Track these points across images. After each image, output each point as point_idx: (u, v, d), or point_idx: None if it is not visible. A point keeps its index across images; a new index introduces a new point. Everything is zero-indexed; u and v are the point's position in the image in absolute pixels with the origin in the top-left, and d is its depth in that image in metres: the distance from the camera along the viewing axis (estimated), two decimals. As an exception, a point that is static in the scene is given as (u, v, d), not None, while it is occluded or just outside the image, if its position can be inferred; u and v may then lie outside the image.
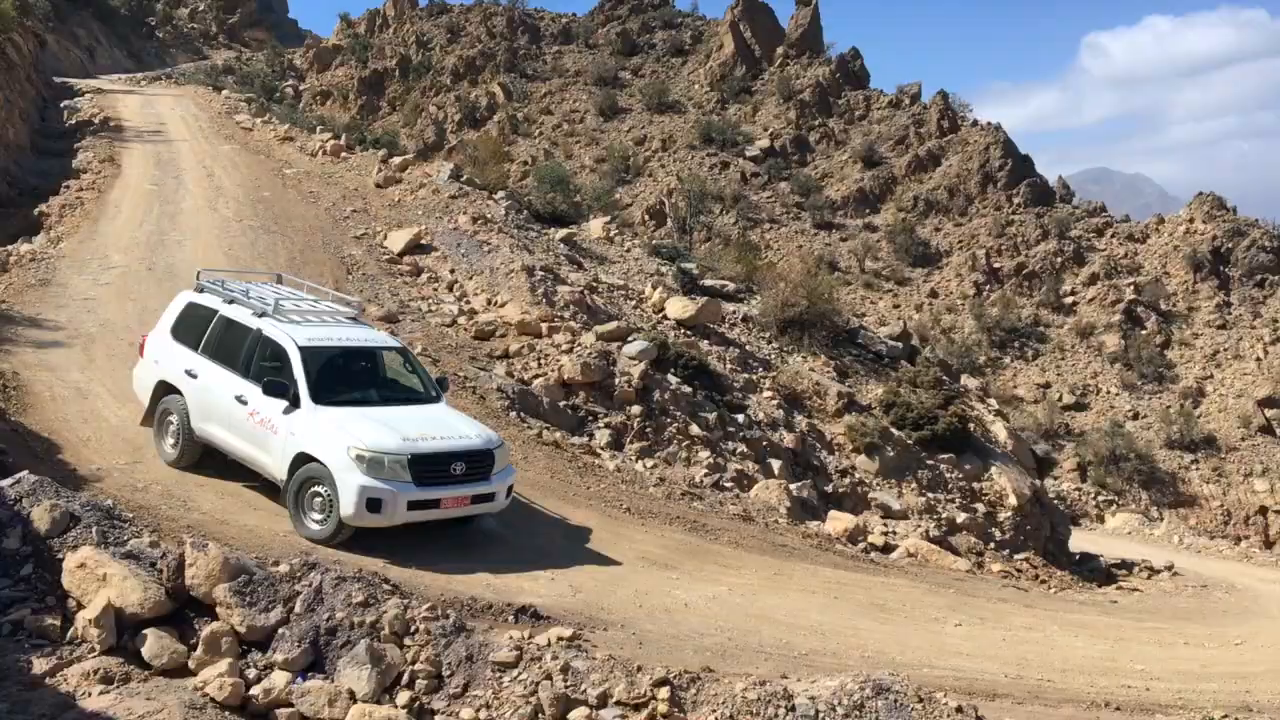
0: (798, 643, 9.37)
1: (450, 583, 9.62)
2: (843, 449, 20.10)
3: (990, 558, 17.80)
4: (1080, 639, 11.51)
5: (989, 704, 7.99)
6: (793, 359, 22.46)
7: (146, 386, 12.24)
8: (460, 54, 69.76)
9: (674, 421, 17.12)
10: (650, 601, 9.94)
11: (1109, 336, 47.82)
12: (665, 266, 25.03)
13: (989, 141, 58.02)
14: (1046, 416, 43.09)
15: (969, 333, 48.62)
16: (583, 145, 61.42)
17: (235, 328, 11.82)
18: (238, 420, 11.27)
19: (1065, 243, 53.37)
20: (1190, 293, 50.02)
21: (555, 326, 18.43)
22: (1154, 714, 8.04)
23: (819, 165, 60.00)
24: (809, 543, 14.09)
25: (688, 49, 70.21)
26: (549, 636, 7.92)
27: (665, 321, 21.28)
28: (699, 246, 34.74)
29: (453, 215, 23.39)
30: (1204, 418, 43.49)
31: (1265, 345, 45.94)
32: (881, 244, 54.20)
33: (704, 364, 19.54)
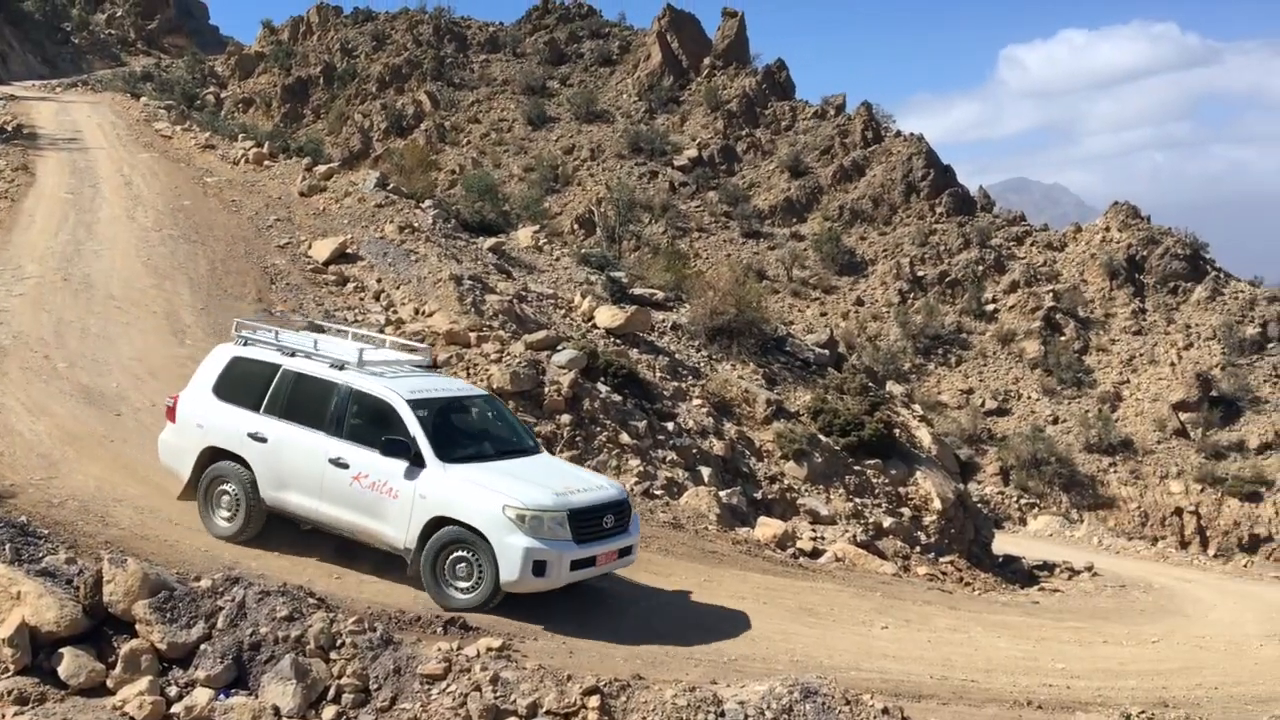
0: (727, 648, 9.43)
1: (378, 595, 9.52)
2: (772, 455, 20.27)
3: (916, 561, 18.07)
4: (1003, 639, 11.75)
5: (915, 705, 8.11)
6: (722, 367, 22.60)
7: (186, 454, 10.91)
8: (386, 62, 69.17)
9: (604, 430, 17.13)
10: (580, 609, 9.93)
11: (1029, 343, 48.91)
12: (594, 275, 25.04)
13: (912, 152, 59.06)
14: (970, 422, 43.93)
15: (894, 340, 49.40)
16: (511, 154, 61.28)
17: (311, 383, 10.70)
18: (334, 486, 10.26)
19: (986, 251, 54.49)
20: (1107, 300, 51.37)
21: (484, 336, 18.33)
22: (1074, 712, 8.22)
23: (746, 175, 60.55)
24: (739, 549, 14.19)
25: (615, 59, 70.42)
26: (478, 647, 7.86)
27: (595, 330, 21.29)
28: (628, 255, 34.83)
29: (379, 224, 23.17)
30: (1121, 422, 44.67)
31: (1179, 350, 47.34)
32: (808, 253, 54.84)
33: (634, 372, 19.59)
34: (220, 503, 10.76)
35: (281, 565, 9.91)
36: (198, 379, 11.31)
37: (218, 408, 10.94)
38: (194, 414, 11.02)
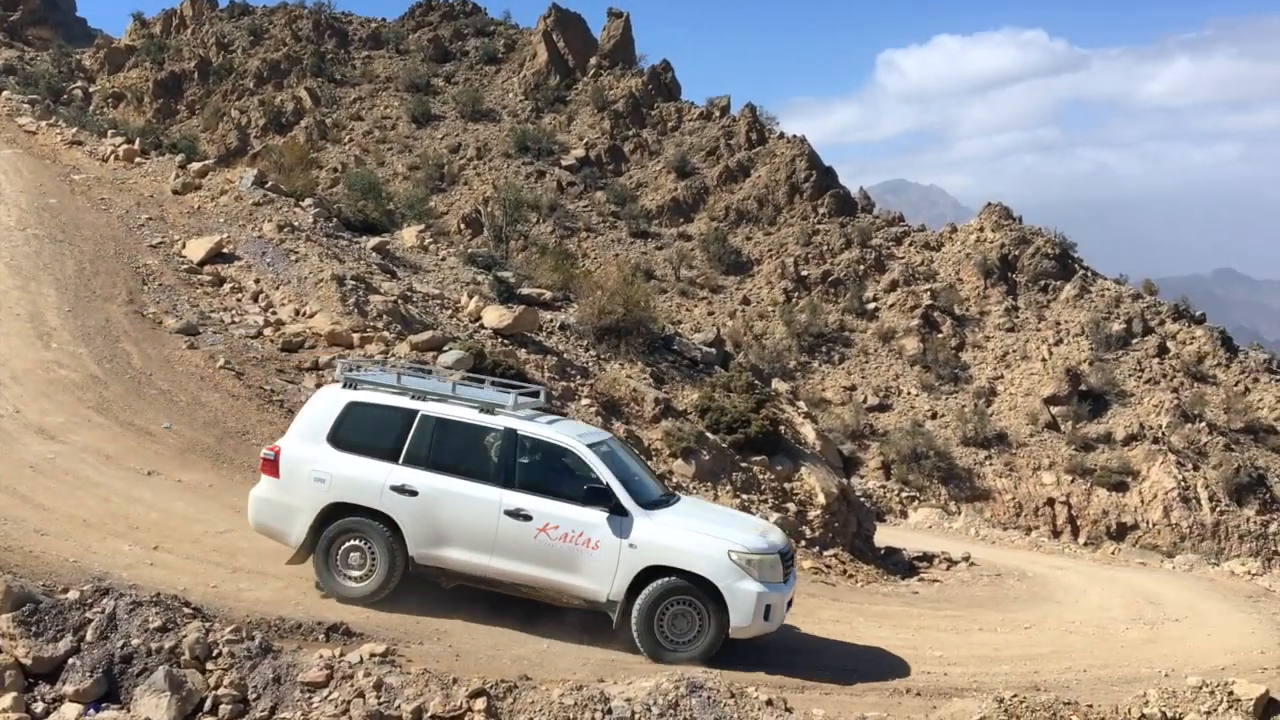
0: (616, 647, 9.46)
1: (257, 603, 9.28)
2: (660, 454, 20.40)
3: (801, 555, 18.39)
4: (884, 629, 12.05)
5: (798, 695, 8.27)
6: (610, 366, 22.66)
7: (300, 513, 9.86)
8: (264, 57, 67.49)
9: (491, 431, 17.02)
10: (467, 612, 9.84)
11: (908, 340, 50.23)
12: (481, 275, 24.85)
13: (795, 154, 60.12)
14: (853, 418, 44.90)
15: (779, 338, 50.21)
16: (395, 152, 60.42)
17: (462, 430, 10.06)
18: (512, 540, 9.62)
19: (867, 251, 55.79)
20: (981, 298, 53.09)
21: (368, 337, 18.05)
22: (951, 697, 8.47)
23: (634, 175, 60.85)
24: (627, 547, 14.22)
25: (501, 57, 70.02)
26: (361, 653, 7.74)
27: (482, 330, 21.13)
28: (516, 255, 34.63)
29: (257, 223, 22.58)
30: (996, 416, 46.21)
31: (1049, 347, 49.20)
32: (696, 252, 55.38)
33: (522, 372, 19.49)
34: (349, 562, 9.86)
35: (153, 579, 9.57)
36: (304, 427, 10.21)
37: (341, 459, 9.95)
38: (309, 467, 9.93)
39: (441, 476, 9.85)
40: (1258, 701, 8.88)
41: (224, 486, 12.65)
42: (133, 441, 13.39)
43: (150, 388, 15.31)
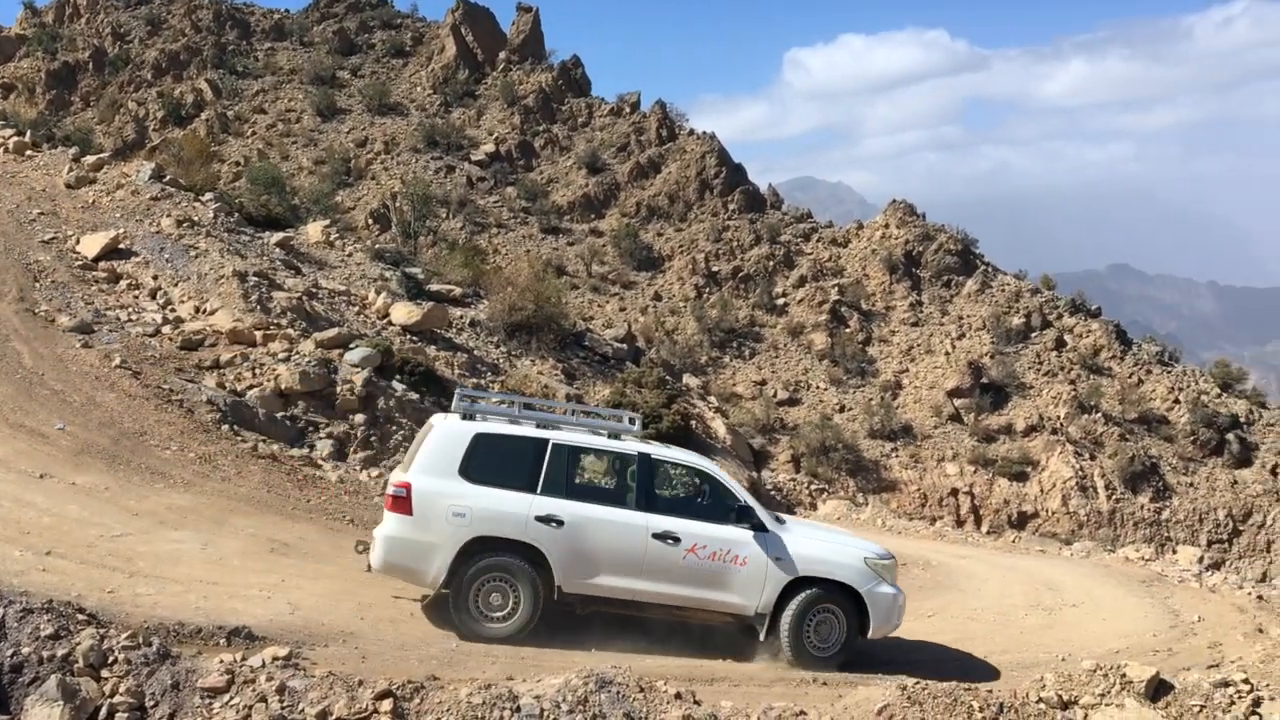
0: (525, 644, 9.43)
1: (155, 608, 9.03)
2: (571, 450, 20.40)
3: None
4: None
5: (708, 688, 8.33)
6: (521, 362, 22.59)
7: (439, 550, 9.54)
8: (163, 48, 65.64)
9: (400, 429, 16.84)
10: (374, 614, 9.72)
11: (817, 335, 50.93)
12: (389, 271, 24.55)
13: (705, 150, 60.49)
14: (763, 412, 45.34)
15: (691, 334, 50.49)
16: (300, 146, 59.26)
17: (595, 457, 10.53)
18: (661, 563, 9.84)
19: (776, 247, 56.39)
20: (887, 293, 54.06)
21: (271, 334, 17.70)
22: (856, 686, 8.62)
23: (545, 171, 60.60)
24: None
25: (409, 50, 69.12)
26: (263, 657, 7.58)
27: (390, 327, 20.90)
28: (425, 251, 34.25)
29: (155, 218, 21.97)
30: (901, 408, 47.11)
31: (952, 341, 50.33)
32: (607, 249, 55.39)
33: (431, 369, 19.34)
34: (490, 601, 9.64)
35: (45, 586, 9.25)
36: (431, 461, 9.84)
37: (478, 492, 9.72)
38: (447, 502, 9.64)
39: (583, 504, 9.92)
40: (1149, 683, 9.22)
41: (120, 489, 12.29)
42: (24, 444, 12.94)
43: (42, 388, 14.80)
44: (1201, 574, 24.63)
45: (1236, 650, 13.23)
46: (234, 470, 13.60)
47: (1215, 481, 45.07)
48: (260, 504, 12.69)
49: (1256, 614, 17.72)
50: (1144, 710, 8.33)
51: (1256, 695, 9.54)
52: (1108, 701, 8.51)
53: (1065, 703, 8.35)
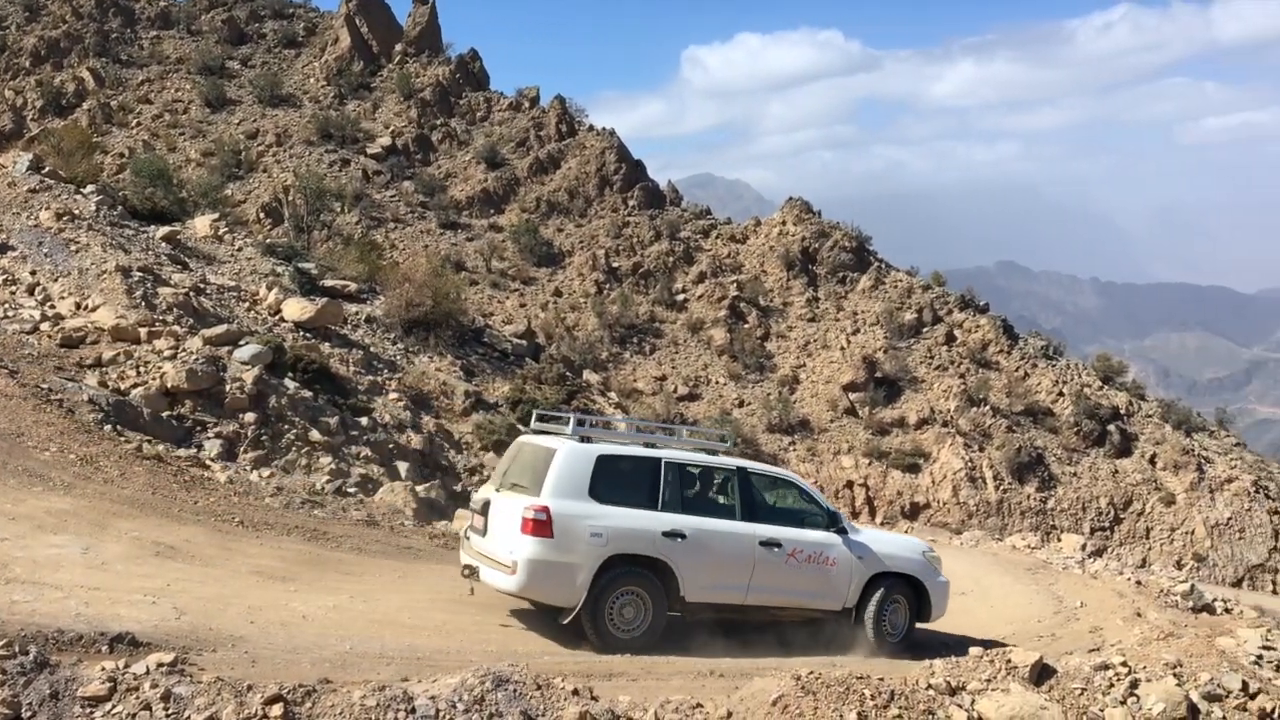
0: (422, 644, 9.30)
1: (33, 615, 8.66)
2: (471, 447, 20.22)
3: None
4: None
5: (606, 683, 8.33)
6: (419, 359, 22.30)
7: (580, 570, 9.87)
8: (41, 34, 63.02)
9: (292, 428, 16.48)
10: (264, 617, 9.49)
11: (716, 331, 51.38)
12: (281, 267, 23.99)
13: (605, 146, 60.50)
14: (664, 407, 45.58)
15: (591, 330, 50.48)
16: (187, 137, 57.55)
17: (700, 472, 11.04)
18: (767, 569, 10.67)
19: (676, 243, 56.72)
20: (784, 289, 54.81)
21: (156, 331, 17.15)
22: (753, 677, 8.70)
23: (443, 165, 59.91)
24: (436, 543, 14.05)
25: (301, 41, 67.63)
26: (148, 664, 7.33)
27: (282, 324, 20.43)
28: (318, 246, 33.54)
29: (33, 211, 21.10)
30: (799, 403, 47.83)
31: (848, 336, 51.26)
32: (507, 244, 55.02)
33: (325, 367, 18.96)
34: (624, 614, 10.07)
35: None
36: (563, 484, 10.05)
37: (610, 512, 10.12)
38: (585, 524, 9.96)
39: (698, 518, 10.55)
40: (1033, 667, 9.52)
41: (-6, 493, 11.76)
42: (-112, 447, 12.31)
43: (-92, 389, 14.10)
44: (1084, 561, 25.54)
45: (1116, 634, 13.74)
46: (117, 472, 13.14)
47: (1097, 471, 46.80)
48: (145, 506, 12.28)
49: (1135, 599, 18.43)
50: (1028, 694, 8.60)
51: (1134, 677, 9.93)
52: (994, 686, 8.76)
53: (953, 688, 8.57)
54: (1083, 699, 9.38)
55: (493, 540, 10.36)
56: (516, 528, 9.91)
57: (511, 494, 10.47)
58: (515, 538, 9.90)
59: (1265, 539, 46.42)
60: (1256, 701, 10.07)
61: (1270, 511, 47.37)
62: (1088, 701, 9.34)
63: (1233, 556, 45.68)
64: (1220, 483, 47.77)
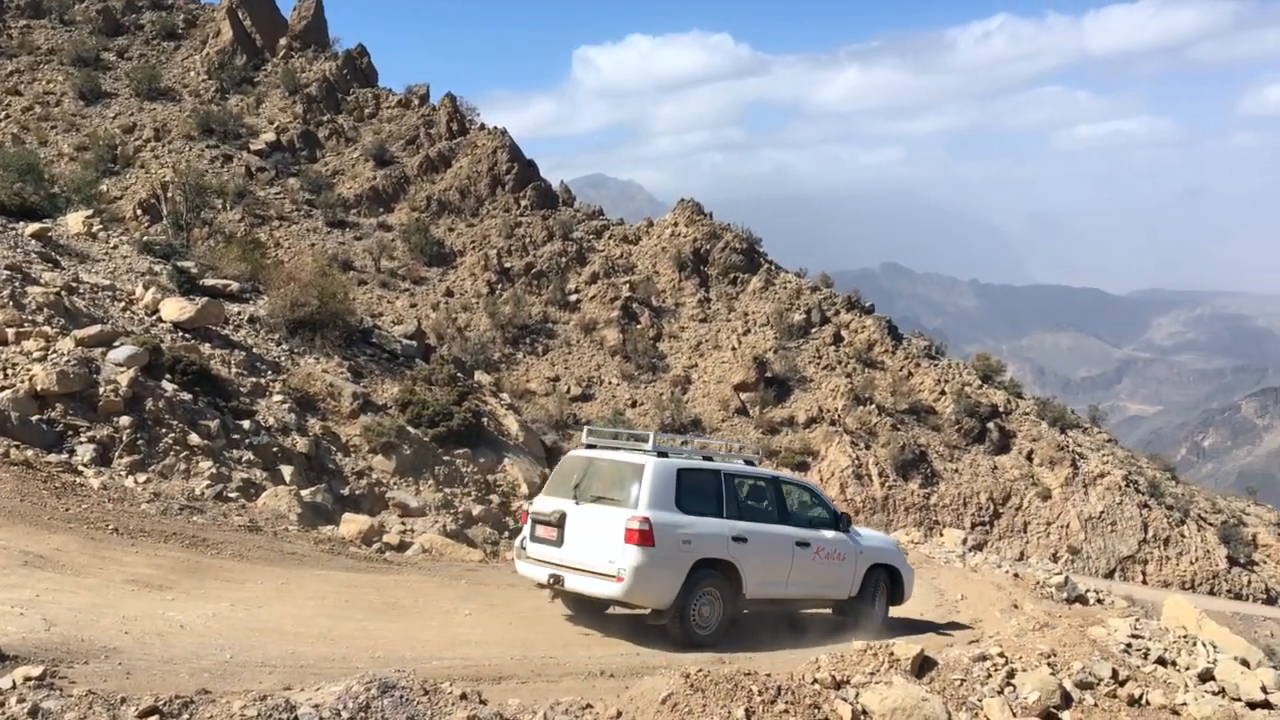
0: (305, 651, 9.09)
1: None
2: (359, 450, 19.86)
3: (505, 546, 18.48)
4: (582, 614, 12.27)
5: (495, 687, 8.25)
6: (304, 361, 21.81)
7: (676, 575, 10.83)
8: (-101, 18, 59.92)
9: (171, 431, 15.95)
10: (140, 627, 9.16)
11: (609, 331, 51.51)
12: (159, 265, 23.21)
13: (496, 145, 60.12)
14: (557, 408, 45.54)
15: (484, 330, 50.14)
16: (60, 131, 55.33)
17: (748, 482, 12.24)
18: (800, 566, 12.11)
19: (569, 244, 56.69)
20: (677, 290, 55.24)
21: (25, 332, 16.42)
22: (642, 676, 8.74)
23: (330, 162, 58.78)
24: (321, 548, 13.75)
25: (181, 33, 65.60)
26: (14, 678, 7.01)
27: (160, 324, 19.74)
28: (199, 244, 32.56)
29: (-112, 205, 20.01)
30: (691, 402, 48.26)
31: (739, 336, 51.89)
32: (397, 243, 54.26)
33: (206, 369, 18.41)
34: (703, 613, 11.12)
35: None
36: (656, 496, 10.94)
37: (693, 521, 11.14)
38: (678, 532, 10.93)
39: (752, 523, 11.74)
40: (914, 660, 9.77)
41: None
42: None
43: None
44: (965, 555, 26.31)
45: (995, 626, 14.18)
46: (-19, 479, 12.56)
47: (978, 467, 48.29)
48: (12, 514, 11.74)
49: (1013, 591, 19.05)
50: (910, 686, 8.81)
51: (1011, 667, 10.27)
52: (877, 679, 8.97)
53: (838, 682, 8.74)
54: (962, 690, 9.67)
55: (577, 550, 11.06)
56: (619, 538, 10.66)
57: (599, 506, 11.12)
58: (618, 547, 10.65)
59: (1135, 531, 48.51)
60: (1125, 688, 10.50)
61: (1140, 505, 49.55)
62: (967, 692, 9.62)
63: (1105, 549, 47.63)
64: (1093, 478, 49.77)
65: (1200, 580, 48.09)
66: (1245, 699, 10.92)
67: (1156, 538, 48.77)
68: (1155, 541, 48.66)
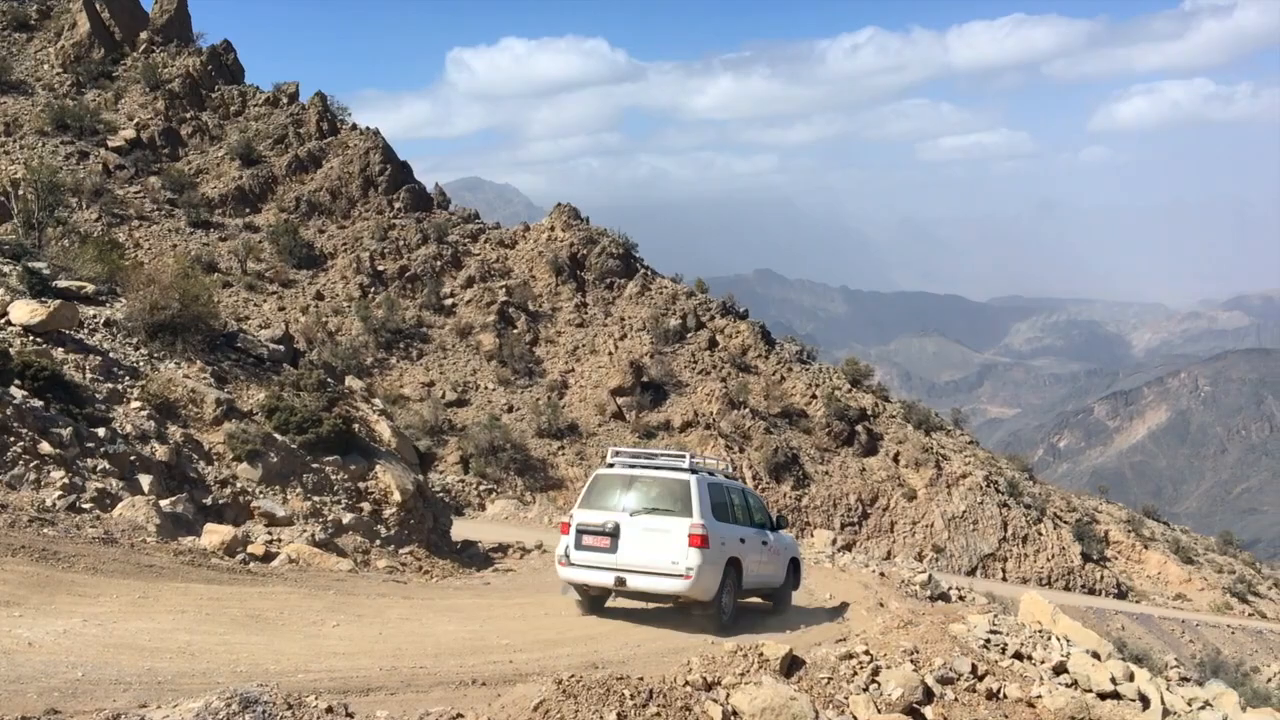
0: (163, 667, 8.75)
1: None
2: (223, 458, 19.25)
3: (376, 555, 18.17)
4: (453, 623, 12.14)
5: (363, 699, 8.09)
6: (165, 366, 21.03)
7: (719, 573, 13.39)
8: None
9: (19, 440, 15.19)
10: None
11: (485, 336, 51.07)
12: (9, 266, 22.08)
13: (369, 146, 59.02)
14: (431, 413, 44.93)
15: (356, 334, 49.13)
16: (-103, 123, 52.20)
17: (733, 492, 14.84)
18: (765, 560, 15.02)
19: (444, 247, 56.02)
20: (553, 294, 55.12)
21: None
22: (514, 684, 8.68)
23: (193, 160, 56.83)
24: (181, 560, 13.27)
25: (34, 24, 62.59)
26: None
27: (9, 328, 18.79)
28: (53, 244, 31.09)
29: None
30: (568, 407, 48.19)
31: (615, 341, 52.06)
32: (264, 245, 52.75)
33: (58, 374, 17.59)
34: (725, 601, 13.55)
35: None
36: (703, 505, 13.41)
37: (721, 525, 13.70)
38: (719, 534, 13.47)
39: (742, 526, 14.47)
40: (783, 660, 9.95)
41: None
42: None
43: None
44: (834, 555, 26.89)
45: (861, 624, 14.57)
46: None
47: (847, 469, 49.46)
48: None
49: (879, 590, 19.58)
50: (779, 686, 8.97)
51: (876, 665, 10.56)
52: (747, 680, 9.10)
53: (709, 684, 8.85)
54: (829, 688, 9.89)
55: (636, 554, 13.09)
56: (682, 542, 12.97)
57: (655, 516, 13.31)
58: (681, 550, 12.94)
59: (995, 530, 50.37)
60: (984, 682, 10.90)
61: (1000, 505, 51.48)
62: (834, 690, 9.85)
63: (967, 547, 49.32)
64: (956, 478, 51.51)
65: (1056, 576, 50.22)
66: (1096, 690, 11.45)
67: (1015, 536, 50.75)
68: (1014, 539, 50.62)
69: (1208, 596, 55.98)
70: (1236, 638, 47.76)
